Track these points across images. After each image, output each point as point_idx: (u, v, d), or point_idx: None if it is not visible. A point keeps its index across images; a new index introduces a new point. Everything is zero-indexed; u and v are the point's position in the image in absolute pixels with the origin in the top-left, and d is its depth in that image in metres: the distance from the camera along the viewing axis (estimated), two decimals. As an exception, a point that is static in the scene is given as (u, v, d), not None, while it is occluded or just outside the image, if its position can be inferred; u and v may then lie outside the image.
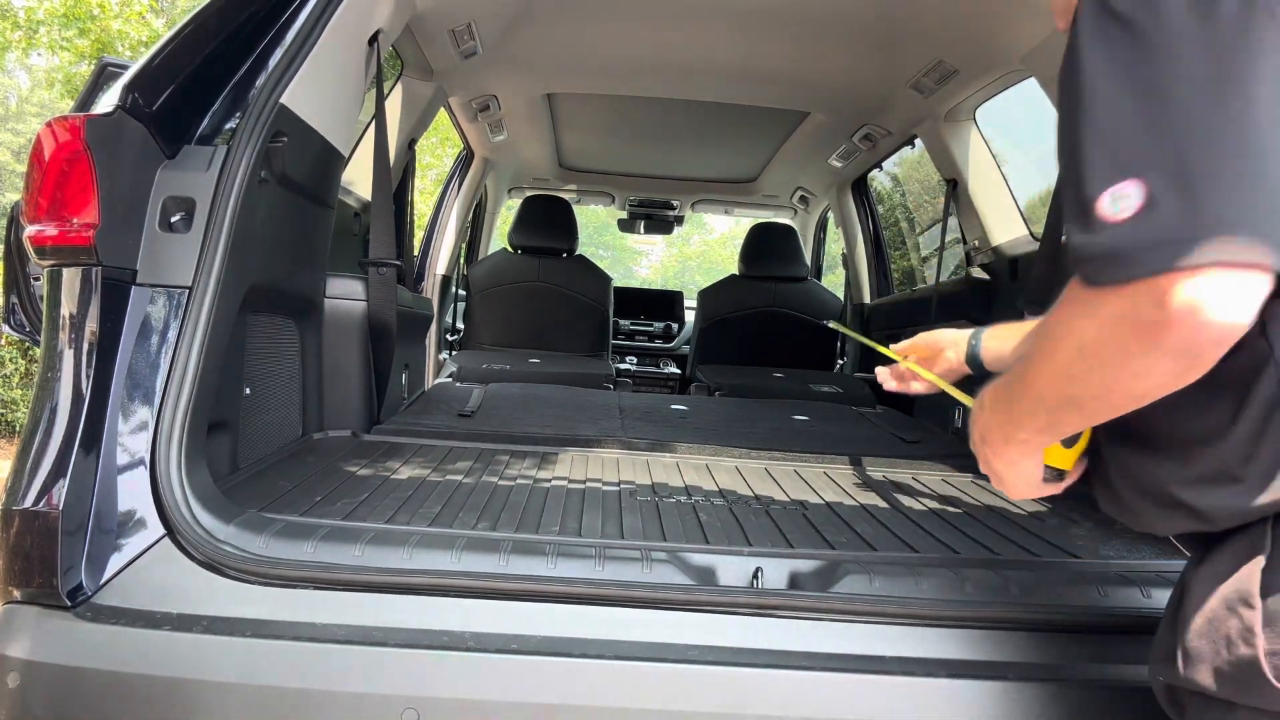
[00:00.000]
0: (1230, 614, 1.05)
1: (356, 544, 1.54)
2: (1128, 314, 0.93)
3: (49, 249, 1.59)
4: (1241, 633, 1.03)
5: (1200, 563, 1.13)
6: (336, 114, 2.35)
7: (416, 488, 2.02)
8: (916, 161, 5.18)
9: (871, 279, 5.32)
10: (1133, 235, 0.90)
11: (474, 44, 3.52)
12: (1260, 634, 1.01)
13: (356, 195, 3.47)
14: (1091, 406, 1.05)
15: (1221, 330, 0.90)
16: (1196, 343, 0.91)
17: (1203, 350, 0.93)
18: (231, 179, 1.75)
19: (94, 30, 10.89)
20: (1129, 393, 1.00)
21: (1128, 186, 0.91)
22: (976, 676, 1.41)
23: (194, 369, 1.63)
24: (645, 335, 6.91)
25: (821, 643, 1.45)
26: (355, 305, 2.62)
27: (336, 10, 2.09)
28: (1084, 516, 2.10)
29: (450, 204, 5.13)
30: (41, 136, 1.61)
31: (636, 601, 1.47)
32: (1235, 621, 1.04)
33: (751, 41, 3.55)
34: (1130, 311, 0.93)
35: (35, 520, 1.46)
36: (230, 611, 1.45)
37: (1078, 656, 1.45)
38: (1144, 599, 1.53)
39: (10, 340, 8.18)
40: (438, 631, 1.43)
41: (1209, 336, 0.91)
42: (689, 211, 6.76)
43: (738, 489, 2.26)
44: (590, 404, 3.49)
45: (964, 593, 1.52)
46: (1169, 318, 0.90)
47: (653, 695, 1.37)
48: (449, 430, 2.75)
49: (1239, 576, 1.05)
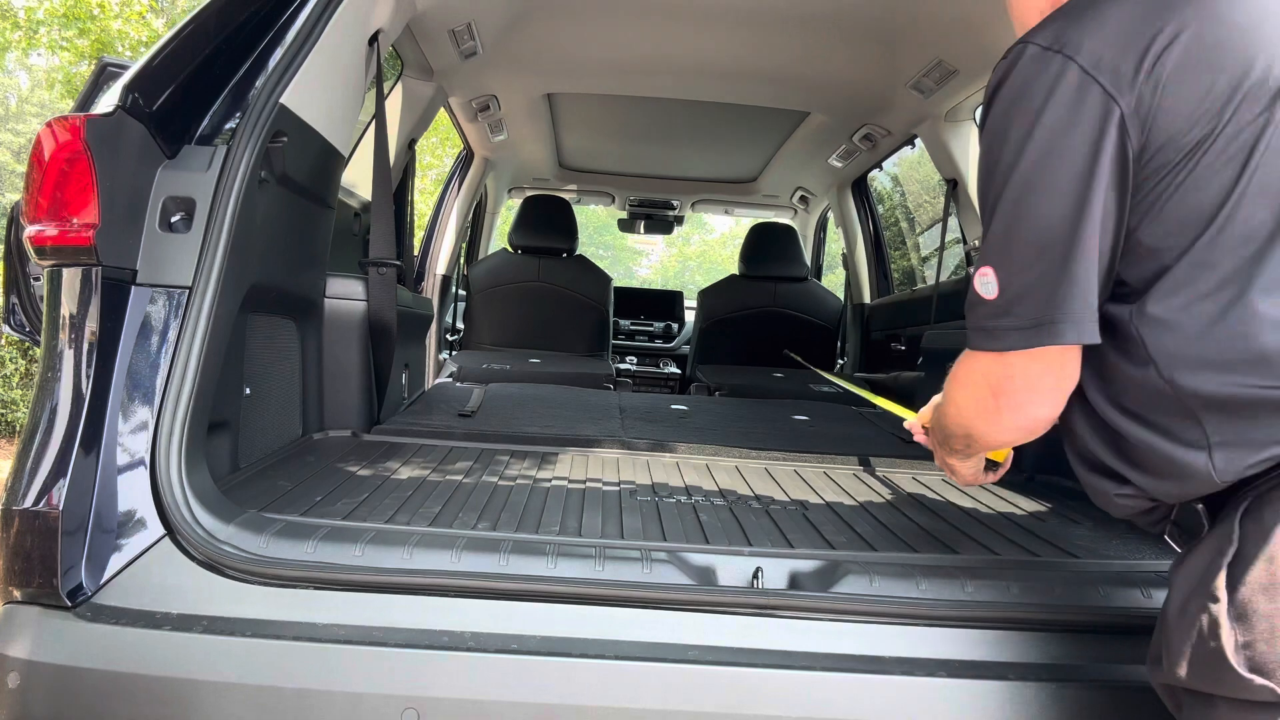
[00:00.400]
0: (1200, 609, 1.08)
1: (356, 544, 1.54)
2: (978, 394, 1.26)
3: (49, 249, 1.59)
4: (1210, 625, 1.06)
5: (1180, 561, 1.16)
6: (336, 114, 2.34)
7: (416, 488, 2.02)
8: (916, 161, 5.18)
9: (871, 279, 5.32)
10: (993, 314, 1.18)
11: (474, 44, 3.51)
12: (1225, 626, 1.04)
13: (356, 195, 3.47)
14: (983, 442, 1.36)
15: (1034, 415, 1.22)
16: (1020, 424, 1.24)
17: (1026, 428, 1.25)
18: (231, 179, 1.75)
19: (94, 30, 10.89)
20: (997, 441, 1.34)
21: (988, 272, 1.19)
22: (976, 676, 1.41)
23: (194, 369, 1.63)
24: (645, 335, 6.91)
25: (821, 643, 1.45)
26: (355, 305, 2.62)
27: (336, 10, 2.09)
28: (1084, 516, 2.10)
29: (450, 204, 5.13)
30: (41, 136, 1.60)
31: (636, 601, 1.47)
32: (1205, 616, 1.07)
33: (751, 41, 3.55)
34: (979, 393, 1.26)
35: (35, 520, 1.46)
36: (230, 611, 1.45)
37: (1078, 656, 1.45)
38: (1144, 599, 1.52)
39: (10, 340, 8.18)
40: (438, 631, 1.43)
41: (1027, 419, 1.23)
42: (689, 211, 6.76)
43: (738, 489, 2.26)
44: (590, 404, 3.49)
45: (964, 593, 1.52)
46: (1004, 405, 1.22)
47: (653, 695, 1.37)
48: (449, 430, 2.75)
49: (1208, 571, 1.08)
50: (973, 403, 1.28)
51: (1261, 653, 1.02)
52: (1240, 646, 1.03)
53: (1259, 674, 1.02)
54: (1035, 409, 1.21)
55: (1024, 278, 1.14)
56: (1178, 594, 1.13)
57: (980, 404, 1.26)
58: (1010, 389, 1.20)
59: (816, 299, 5.48)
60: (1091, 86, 1.08)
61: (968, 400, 1.29)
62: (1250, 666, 1.02)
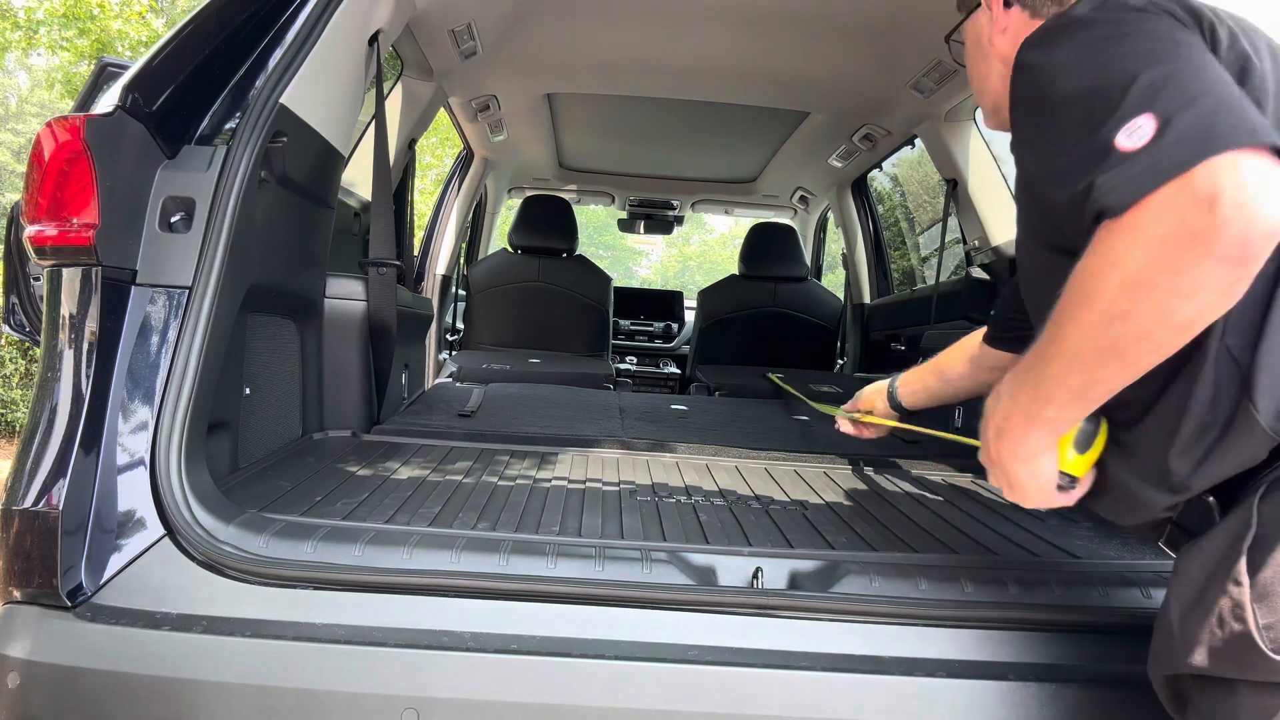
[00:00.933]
0: (1220, 592, 1.08)
1: (356, 544, 1.54)
2: (1174, 227, 0.94)
3: (49, 249, 1.59)
4: (1233, 609, 1.06)
5: (1190, 547, 1.16)
6: (336, 114, 2.34)
7: (416, 488, 2.02)
8: (916, 161, 5.18)
9: (871, 279, 5.32)
10: (1159, 149, 0.96)
11: (474, 44, 3.52)
12: (1250, 608, 1.04)
13: (356, 195, 3.47)
14: (1135, 350, 1.02)
15: (1269, 218, 0.92)
16: (1249, 238, 0.92)
17: (1255, 246, 0.93)
18: (231, 179, 1.75)
19: (94, 30, 10.88)
20: (1177, 320, 0.98)
21: (1140, 120, 0.98)
22: (976, 676, 1.41)
23: (194, 369, 1.63)
24: (645, 335, 6.91)
25: (821, 643, 1.45)
26: (355, 305, 2.62)
27: (336, 10, 2.09)
28: (1084, 516, 2.10)
29: (450, 204, 5.13)
30: (41, 136, 1.60)
31: (636, 601, 1.47)
32: (1225, 600, 1.07)
33: (751, 41, 3.55)
34: (1177, 223, 0.94)
35: (35, 520, 1.46)
36: (230, 611, 1.45)
37: (1078, 656, 1.45)
38: (1144, 599, 1.53)
39: (10, 340, 8.18)
40: (438, 631, 1.43)
41: (1260, 228, 0.92)
42: (689, 211, 6.76)
43: (738, 489, 2.26)
44: (590, 404, 3.49)
45: (964, 593, 1.52)
46: (1217, 218, 0.92)
47: (652, 695, 1.37)
48: (449, 430, 2.75)
49: (1226, 557, 1.08)
50: (1162, 248, 0.95)
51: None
52: (1264, 628, 1.03)
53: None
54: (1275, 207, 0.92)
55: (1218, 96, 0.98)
56: (1189, 584, 1.13)
57: (1175, 243, 0.94)
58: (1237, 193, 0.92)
59: (816, 299, 5.48)
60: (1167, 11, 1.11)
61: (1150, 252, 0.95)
62: (1275, 647, 1.03)
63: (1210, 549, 1.11)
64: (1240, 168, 0.92)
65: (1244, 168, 0.92)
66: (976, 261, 3.86)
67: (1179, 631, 1.13)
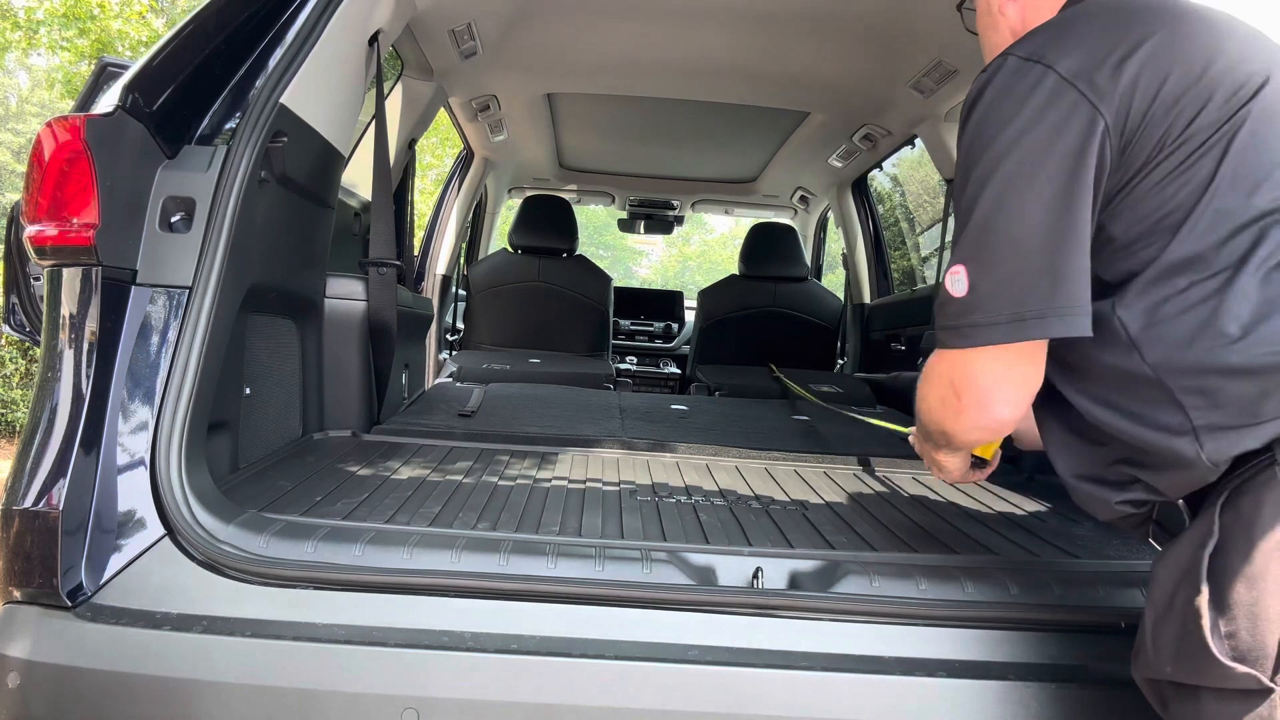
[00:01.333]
0: (1184, 601, 1.10)
1: (356, 544, 1.54)
2: (941, 394, 1.28)
3: (49, 249, 1.59)
4: (1194, 617, 1.08)
5: (1162, 555, 1.18)
6: (336, 114, 2.34)
7: (416, 488, 2.02)
8: (916, 161, 5.18)
9: (871, 279, 5.32)
10: (955, 314, 1.19)
11: (474, 44, 3.51)
12: (1208, 616, 1.06)
13: (357, 195, 3.46)
14: (957, 441, 1.36)
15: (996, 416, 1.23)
16: (980, 424, 1.26)
17: (988, 429, 1.27)
18: (231, 179, 1.75)
19: (94, 30, 10.88)
20: (965, 440, 1.36)
21: (959, 270, 1.20)
22: (976, 676, 1.41)
23: (194, 369, 1.63)
24: (645, 335, 6.90)
25: (821, 643, 1.45)
26: (355, 305, 2.62)
27: (336, 10, 2.09)
28: (1084, 516, 2.10)
29: (450, 204, 5.13)
30: (41, 136, 1.60)
31: (636, 601, 1.47)
32: (1188, 608, 1.09)
33: (751, 41, 3.55)
34: (940, 393, 1.28)
35: (35, 520, 1.46)
36: (230, 611, 1.44)
37: (1078, 656, 1.45)
38: (1144, 599, 1.52)
39: (10, 340, 8.18)
40: (438, 631, 1.43)
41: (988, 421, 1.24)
42: (689, 211, 6.75)
43: (738, 489, 2.26)
44: (590, 404, 3.49)
45: (964, 593, 1.52)
46: (962, 404, 1.24)
47: (653, 695, 1.37)
48: (449, 430, 2.75)
49: (1191, 564, 1.10)
50: (939, 401, 1.29)
51: (1244, 641, 1.04)
52: (1224, 636, 1.05)
53: (1242, 662, 1.04)
54: (998, 409, 1.22)
55: (1000, 273, 1.15)
56: (1161, 589, 1.15)
57: (945, 402, 1.27)
58: (973, 387, 1.21)
59: (816, 299, 5.48)
60: (1069, 91, 1.14)
61: (935, 398, 1.30)
62: (1233, 655, 1.04)
63: (1177, 556, 1.13)
64: (978, 369, 1.21)
65: (982, 369, 1.20)
66: (976, 261, 3.85)
67: (1151, 638, 1.15)
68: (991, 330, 1.15)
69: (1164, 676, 1.13)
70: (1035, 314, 1.13)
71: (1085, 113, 1.13)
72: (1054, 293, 1.13)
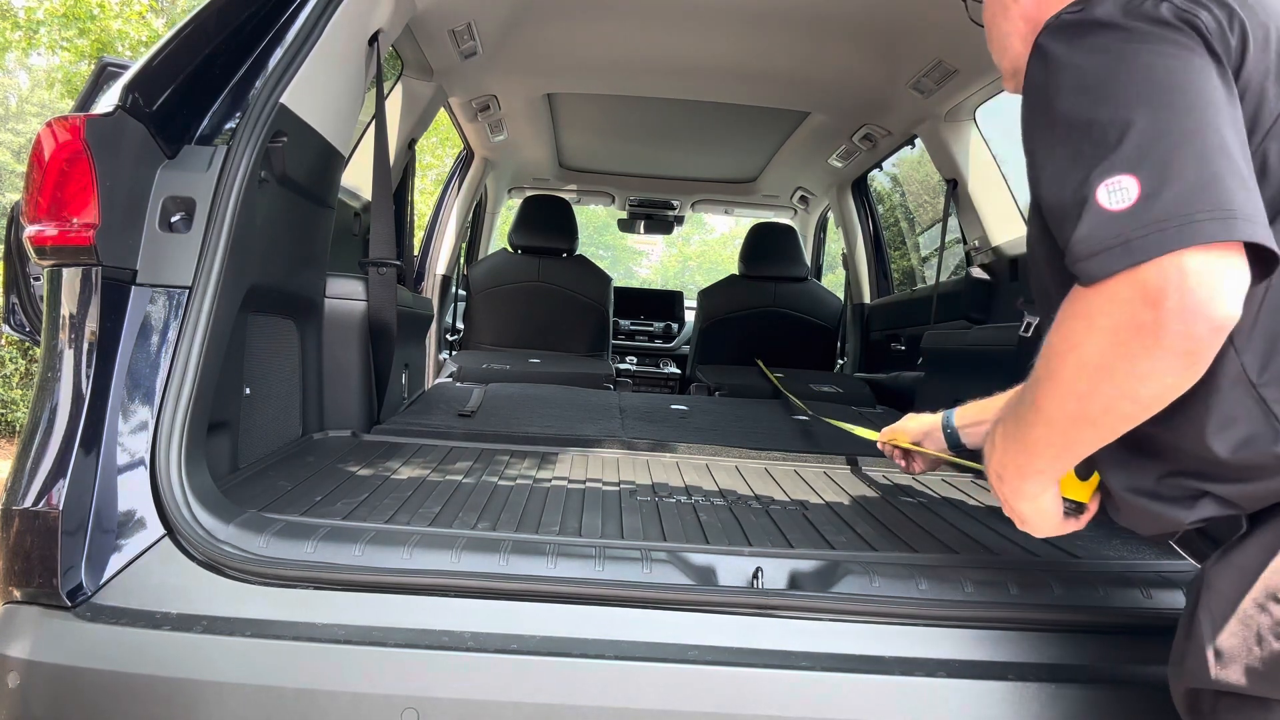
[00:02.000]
0: (1260, 610, 1.05)
1: (356, 544, 1.54)
2: (1123, 319, 0.98)
3: (49, 249, 1.59)
4: (1273, 628, 1.03)
5: (1220, 560, 1.12)
6: (336, 114, 2.34)
7: (416, 488, 2.02)
8: (916, 161, 5.18)
9: (871, 279, 5.32)
10: (1128, 224, 0.97)
11: (474, 44, 3.52)
12: None
13: (357, 195, 3.47)
14: (1104, 420, 1.06)
15: (1210, 317, 0.95)
16: (1193, 334, 0.96)
17: (1200, 342, 0.97)
18: (231, 179, 1.75)
19: (94, 30, 10.89)
20: (1137, 400, 1.02)
21: (1123, 179, 0.98)
22: (976, 676, 1.41)
23: (194, 369, 1.63)
24: (645, 335, 6.91)
25: (821, 643, 1.45)
26: (355, 305, 2.62)
27: (336, 10, 2.09)
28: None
29: (450, 204, 5.13)
30: (41, 136, 1.60)
31: (636, 601, 1.47)
32: (1266, 618, 1.04)
33: (751, 41, 3.55)
34: (1126, 316, 0.98)
35: (35, 520, 1.46)
36: (230, 611, 1.44)
37: (1078, 656, 1.45)
38: (1144, 599, 1.52)
39: (10, 340, 8.18)
40: (438, 631, 1.43)
41: (1202, 326, 0.96)
42: (689, 211, 6.76)
43: (738, 489, 2.26)
44: (590, 404, 3.49)
45: (964, 593, 1.52)
46: (1162, 314, 0.95)
47: (653, 695, 1.37)
48: (449, 430, 2.75)
49: (1268, 571, 1.05)
50: (1110, 342, 0.99)
51: None
52: None
53: None
54: (1222, 304, 0.94)
55: (1189, 174, 0.96)
56: (1222, 598, 1.09)
57: (1124, 336, 0.98)
58: (1184, 288, 0.94)
59: (816, 299, 5.48)
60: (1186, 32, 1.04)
61: (1099, 345, 1.00)
62: None
63: (1243, 564, 1.08)
64: (1187, 269, 0.94)
65: (1191, 268, 0.94)
66: (976, 261, 3.86)
67: (1212, 647, 1.09)
68: (1198, 228, 0.94)
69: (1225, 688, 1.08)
70: (1245, 216, 0.95)
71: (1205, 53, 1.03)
72: (1249, 201, 0.96)
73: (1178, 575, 1.60)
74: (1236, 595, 1.07)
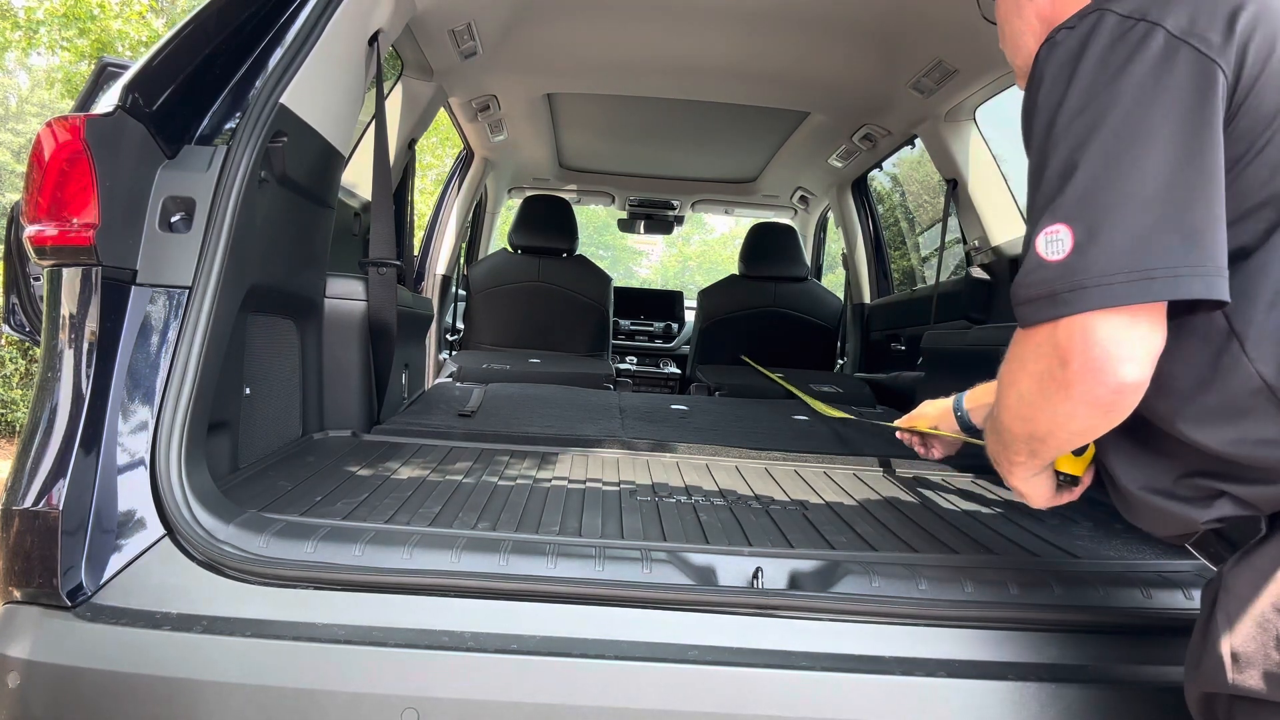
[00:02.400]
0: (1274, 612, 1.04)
1: (356, 544, 1.54)
2: (1043, 369, 1.07)
3: (49, 249, 1.59)
4: None
5: (1238, 563, 1.11)
6: (336, 114, 2.34)
7: (416, 488, 2.02)
8: (916, 161, 5.18)
9: (871, 279, 5.32)
10: (1056, 277, 1.03)
11: (474, 44, 3.52)
12: None
13: (356, 195, 3.47)
14: (1051, 440, 1.16)
15: (1110, 381, 1.02)
16: (1097, 394, 1.04)
17: (1104, 399, 1.05)
18: (231, 179, 1.75)
19: (94, 30, 10.89)
20: (1071, 431, 1.12)
21: (1059, 228, 1.04)
22: (976, 676, 1.41)
23: (194, 369, 1.63)
24: (645, 335, 6.91)
25: (821, 643, 1.45)
26: (355, 305, 2.62)
27: (336, 10, 2.09)
28: (1084, 516, 2.10)
29: (450, 204, 5.13)
30: (41, 136, 1.60)
31: (636, 601, 1.47)
32: None
33: (751, 41, 3.55)
34: (1045, 367, 1.07)
35: (35, 520, 1.46)
36: (230, 611, 1.45)
37: (1078, 656, 1.45)
38: (1144, 599, 1.52)
39: (10, 340, 8.18)
40: (438, 631, 1.43)
41: (1106, 387, 1.03)
42: (689, 211, 6.76)
43: (738, 489, 2.26)
44: (590, 404, 3.49)
45: (964, 593, 1.52)
46: (1070, 373, 1.04)
47: (653, 695, 1.37)
48: (449, 430, 2.75)
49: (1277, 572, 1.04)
50: (1035, 383, 1.09)
51: None
52: None
53: None
54: (1121, 367, 1.01)
55: (1119, 229, 1.00)
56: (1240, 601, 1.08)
57: (1047, 381, 1.07)
58: (1086, 349, 1.01)
59: (816, 299, 5.48)
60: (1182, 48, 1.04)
61: (1029, 385, 1.10)
62: None
63: (1261, 567, 1.07)
64: (1092, 332, 1.01)
65: (1096, 332, 1.01)
66: (976, 261, 3.86)
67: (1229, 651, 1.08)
68: (1109, 291, 0.99)
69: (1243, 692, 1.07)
70: (1166, 271, 0.98)
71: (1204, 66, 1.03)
72: (1187, 250, 0.99)
73: (1178, 575, 1.60)
74: (1255, 598, 1.07)
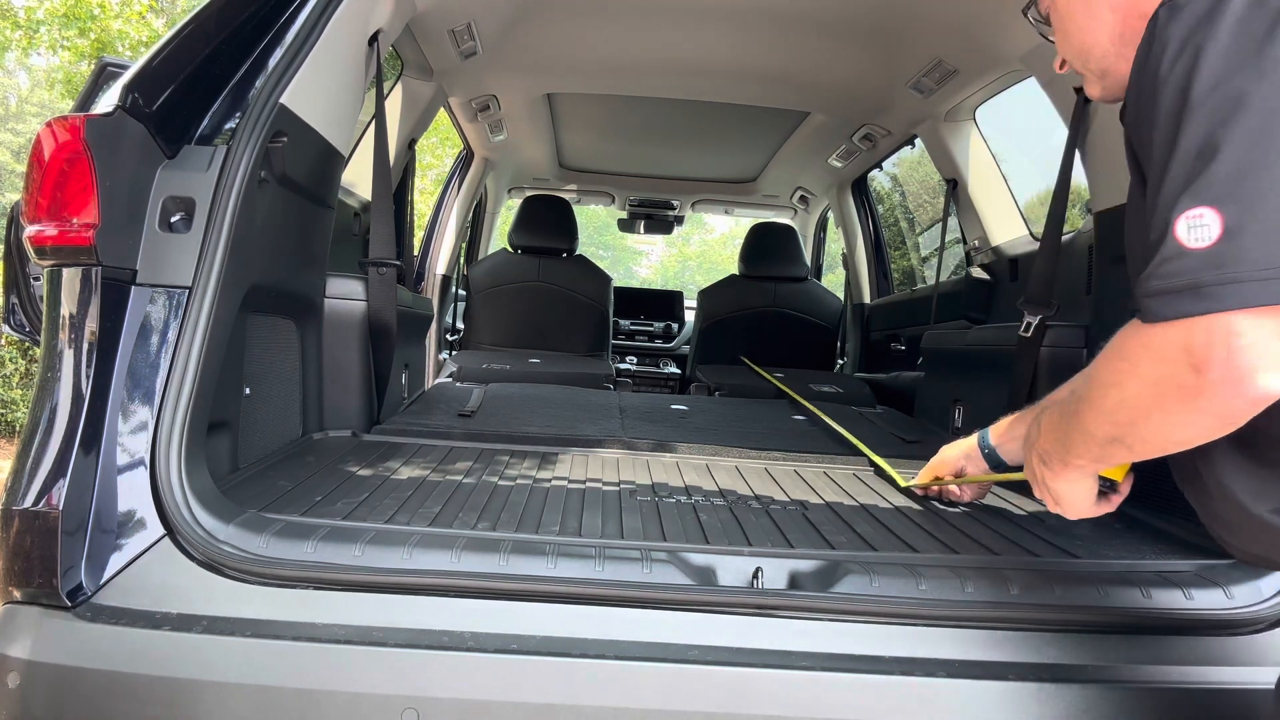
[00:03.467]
0: None
1: (356, 544, 1.54)
2: (1166, 374, 0.98)
3: (49, 249, 1.59)
4: None
5: None
6: (336, 114, 2.34)
7: (416, 488, 2.02)
8: (916, 161, 5.18)
9: (871, 279, 5.32)
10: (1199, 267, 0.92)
11: (474, 44, 3.52)
12: None
13: (356, 195, 3.47)
14: (1138, 449, 1.08)
15: (1252, 392, 0.93)
16: (1232, 406, 0.95)
17: (1240, 410, 0.96)
18: (231, 179, 1.75)
19: (94, 30, 10.89)
20: (1170, 440, 1.04)
21: (1205, 212, 0.93)
22: (976, 676, 1.41)
23: (194, 369, 1.63)
24: (645, 335, 6.91)
25: (821, 643, 1.45)
26: (355, 305, 2.62)
27: (336, 10, 2.09)
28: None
29: (450, 204, 5.14)
30: (41, 136, 1.60)
31: (636, 601, 1.47)
32: None
33: (752, 41, 3.55)
34: (1169, 372, 0.97)
35: (35, 520, 1.46)
36: (230, 611, 1.45)
37: (1078, 656, 1.45)
38: (1144, 599, 1.52)
39: (10, 340, 8.18)
40: (437, 631, 1.43)
41: (1245, 399, 0.94)
42: (689, 211, 6.76)
43: (738, 489, 2.26)
44: (590, 404, 3.49)
45: (964, 593, 1.52)
46: (1205, 380, 0.94)
47: (653, 695, 1.37)
48: (449, 430, 2.75)
49: None
50: (1149, 390, 1.00)
51: None
52: None
53: None
54: (1267, 379, 0.91)
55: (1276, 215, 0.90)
56: None
57: (1163, 389, 0.98)
58: (1231, 359, 0.91)
59: (816, 299, 5.48)
60: None
61: (1138, 390, 1.01)
62: None
63: None
64: (1238, 333, 0.91)
65: (1244, 333, 0.91)
66: (976, 261, 3.86)
67: None
68: (1266, 287, 0.89)
69: None
70: None
71: None
72: None
73: (1178, 575, 1.60)
74: None
